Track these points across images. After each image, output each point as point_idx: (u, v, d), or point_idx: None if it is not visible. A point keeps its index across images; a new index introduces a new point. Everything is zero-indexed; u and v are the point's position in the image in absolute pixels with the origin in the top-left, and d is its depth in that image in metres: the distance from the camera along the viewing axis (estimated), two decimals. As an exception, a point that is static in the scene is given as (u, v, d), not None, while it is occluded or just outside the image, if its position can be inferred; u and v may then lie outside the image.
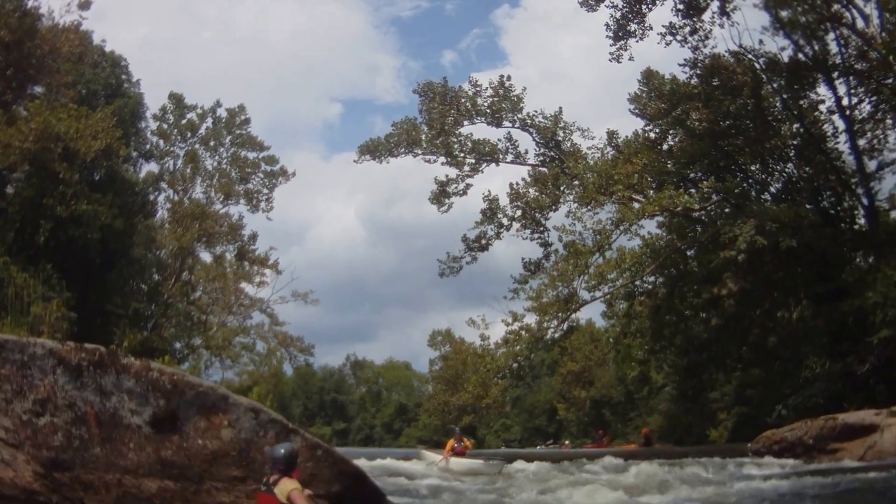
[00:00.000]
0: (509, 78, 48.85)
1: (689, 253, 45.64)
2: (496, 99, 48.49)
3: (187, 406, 17.53)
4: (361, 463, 22.64)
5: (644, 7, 42.94)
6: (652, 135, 48.55)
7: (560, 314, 43.95)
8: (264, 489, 13.66)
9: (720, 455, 33.61)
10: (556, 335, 46.40)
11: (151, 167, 63.62)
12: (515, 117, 48.93)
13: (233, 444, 17.44)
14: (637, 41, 43.58)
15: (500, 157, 49.80)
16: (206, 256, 68.44)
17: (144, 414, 17.38)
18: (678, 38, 43.23)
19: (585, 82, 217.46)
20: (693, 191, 42.59)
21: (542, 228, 49.29)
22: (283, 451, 14.09)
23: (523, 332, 43.87)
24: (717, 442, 52.12)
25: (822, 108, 44.84)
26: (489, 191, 49.84)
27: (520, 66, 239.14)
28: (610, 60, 44.41)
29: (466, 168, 49.40)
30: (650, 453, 39.62)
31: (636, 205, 41.67)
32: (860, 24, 40.43)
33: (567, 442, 77.00)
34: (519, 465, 34.21)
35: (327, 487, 16.90)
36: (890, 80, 38.70)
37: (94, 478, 17.09)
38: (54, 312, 38.14)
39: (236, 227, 67.05)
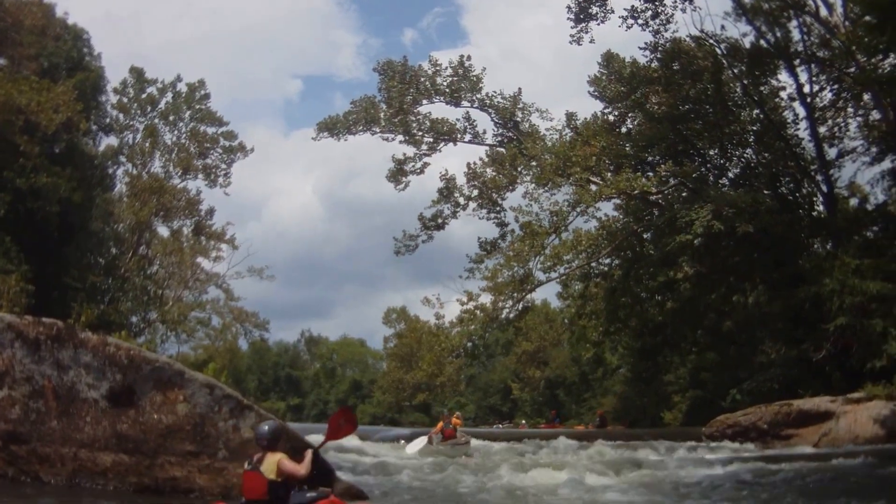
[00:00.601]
0: (469, 58, 48.89)
1: (645, 236, 45.78)
2: (455, 79, 48.40)
3: (144, 381, 17.49)
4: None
5: (607, -10, 42.73)
6: (611, 117, 48.86)
7: (515, 294, 44.00)
8: (249, 468, 13.47)
9: (674, 438, 33.69)
10: (511, 315, 46.41)
11: (111, 141, 63.56)
12: (474, 97, 48.89)
13: (188, 419, 17.39)
14: (598, 24, 43.22)
15: (459, 136, 49.74)
16: (163, 231, 68.25)
17: (101, 388, 17.40)
18: (639, 21, 42.84)
19: (546, 62, 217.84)
20: (651, 174, 42.65)
21: (498, 208, 49.16)
22: (266, 427, 13.92)
23: (478, 312, 43.90)
24: (671, 425, 52.35)
25: (783, 94, 45.10)
26: (446, 170, 49.85)
27: (480, 45, 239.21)
28: (570, 42, 44.07)
29: (424, 147, 49.32)
30: (604, 435, 39.60)
31: (593, 187, 41.90)
32: (823, 12, 40.60)
33: (523, 422, 77.13)
34: (475, 444, 34.21)
35: None
36: (852, 69, 38.74)
37: (50, 451, 17.21)
38: (13, 286, 37.95)
39: (194, 202, 67.07)
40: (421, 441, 33.21)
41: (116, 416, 17.30)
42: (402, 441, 34.52)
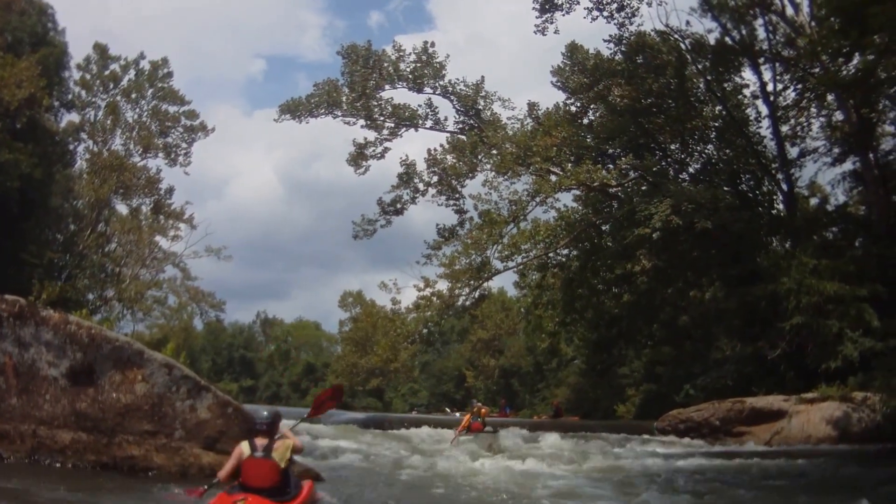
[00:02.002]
0: (433, 44, 48.81)
1: (604, 228, 45.69)
2: (419, 65, 48.29)
3: (103, 360, 17.59)
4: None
5: (573, -19, 42.67)
6: (573, 108, 48.94)
7: (472, 282, 43.85)
8: (261, 455, 13.55)
9: (626, 431, 33.85)
10: (468, 303, 46.25)
11: (72, 117, 62.77)
12: (437, 84, 48.81)
13: (146, 399, 17.60)
14: (564, 15, 43.31)
15: (420, 122, 49.66)
16: (122, 208, 67.56)
17: (61, 366, 17.46)
18: (605, 14, 43.03)
19: (511, 49, 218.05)
20: (611, 166, 42.49)
21: (457, 195, 49.21)
22: (266, 413, 14.24)
23: (434, 299, 43.74)
24: (624, 418, 52.32)
25: (746, 92, 45.20)
26: (407, 155, 49.76)
27: (446, 29, 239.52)
28: (535, 33, 44.09)
29: (385, 132, 49.25)
30: (558, 425, 39.55)
31: (553, 177, 41.96)
32: (790, 11, 40.75)
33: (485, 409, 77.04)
34: (425, 430, 34.09)
35: (235, 444, 16.37)
36: (817, 69, 38.80)
37: (9, 428, 17.16)
38: (-26, 262, 37.72)
39: (154, 181, 66.53)
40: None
41: (76, 395, 17.37)
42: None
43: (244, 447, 13.78)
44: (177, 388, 17.84)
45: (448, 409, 78.53)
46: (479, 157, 47.05)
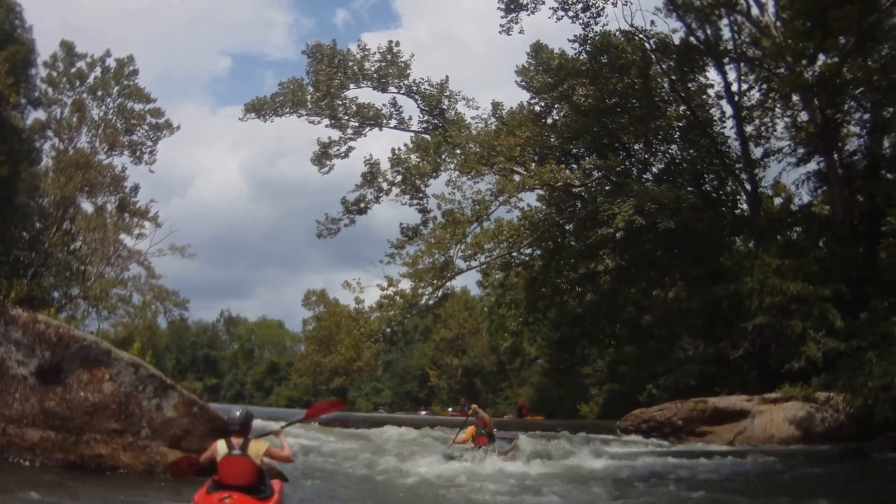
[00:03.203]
0: (398, 44, 48.59)
1: (567, 228, 45.57)
2: (383, 64, 48.11)
3: (71, 359, 17.43)
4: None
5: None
6: (537, 108, 48.98)
7: (435, 281, 43.69)
8: (238, 453, 13.79)
9: (590, 430, 33.73)
10: (431, 302, 46.10)
11: (39, 114, 62.65)
12: (402, 83, 48.65)
13: (113, 398, 17.34)
14: (529, 15, 43.37)
15: (384, 121, 49.43)
16: (87, 206, 67.22)
17: (30, 365, 17.29)
18: (570, 14, 43.08)
19: (477, 48, 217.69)
20: (575, 166, 42.74)
21: (421, 195, 48.96)
22: (238, 413, 14.44)
23: (398, 298, 43.61)
24: (587, 417, 52.42)
25: (711, 92, 45.48)
26: (371, 154, 49.63)
27: (412, 27, 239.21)
28: (500, 32, 44.13)
29: (350, 131, 49.01)
30: (523, 425, 39.47)
31: (517, 177, 41.84)
32: (755, 11, 40.86)
33: (451, 409, 76.73)
34: (389, 430, 33.90)
35: (200, 443, 16.79)
36: (782, 70, 38.88)
37: None
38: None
39: (119, 179, 66.34)
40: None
41: (44, 393, 17.20)
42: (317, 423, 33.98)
43: (221, 445, 13.97)
44: (143, 388, 17.67)
45: (452, 409, 77.99)
46: (443, 156, 46.91)
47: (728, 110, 44.52)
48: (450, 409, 66.49)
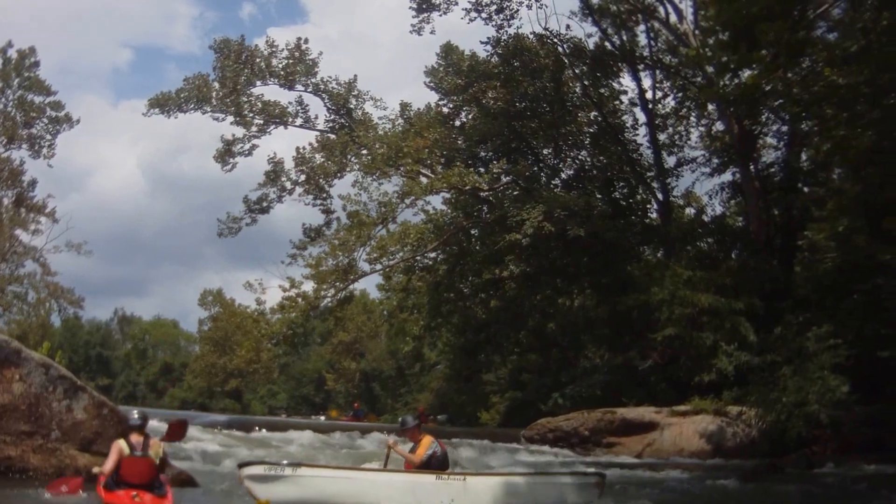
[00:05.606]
0: (306, 41, 47.75)
1: (473, 232, 45.51)
2: (291, 61, 47.31)
3: (-21, 358, 17.27)
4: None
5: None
6: (445, 110, 48.52)
7: (338, 283, 43.09)
8: (140, 454, 14.57)
9: (493, 438, 33.11)
10: (332, 304, 45.46)
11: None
12: (309, 81, 47.89)
13: (23, 399, 17.18)
14: (441, 15, 42.90)
15: (290, 120, 48.64)
16: (-17, 201, 65.83)
17: None
18: (483, 15, 42.71)
19: (386, 47, 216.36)
20: (483, 170, 42.46)
21: (325, 195, 48.18)
22: (136, 413, 15.53)
23: (299, 300, 42.89)
24: (487, 425, 51.92)
25: (625, 98, 45.43)
26: (275, 153, 48.65)
27: (320, 24, 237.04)
28: (411, 32, 43.67)
29: (254, 129, 48.05)
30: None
31: (424, 179, 41.39)
32: (673, 18, 40.74)
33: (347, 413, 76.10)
34: (292, 434, 33.14)
35: (110, 445, 15.94)
36: (699, 78, 38.80)
37: None
38: None
39: (17, 173, 65.17)
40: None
41: (-48, 394, 17.00)
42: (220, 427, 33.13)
43: (123, 445, 14.63)
44: (53, 389, 17.54)
45: (345, 414, 77.01)
46: (350, 156, 46.36)
47: (641, 117, 44.59)
48: (349, 414, 65.90)
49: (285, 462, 17.00)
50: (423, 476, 16.78)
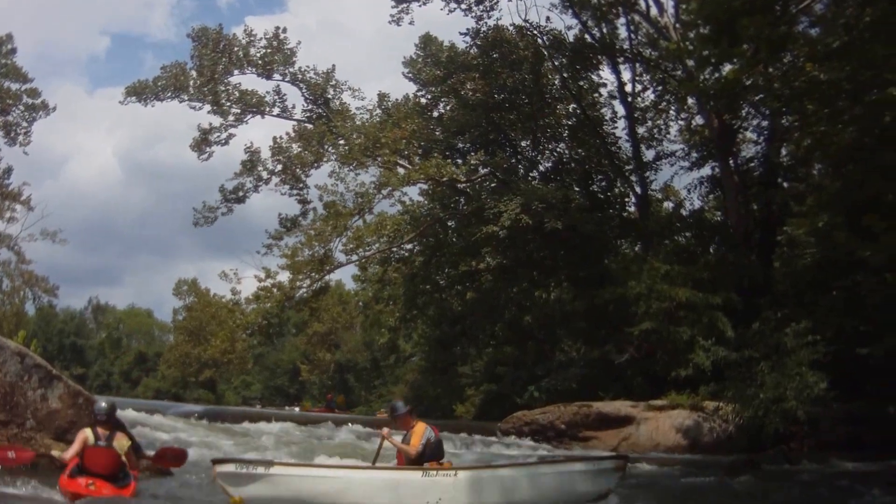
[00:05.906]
0: (285, 30, 47.51)
1: (450, 224, 45.49)
2: (269, 50, 47.07)
3: (-47, 346, 17.05)
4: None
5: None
6: (423, 100, 48.40)
7: (314, 274, 42.98)
8: (104, 444, 14.57)
9: (469, 431, 32.92)
10: (308, 295, 45.28)
11: (-88, 96, 60.55)
12: (287, 71, 47.64)
13: None
14: (420, 5, 42.84)
15: (267, 109, 48.42)
16: (-43, 189, 65.48)
17: None
18: (463, 6, 42.79)
19: (365, 37, 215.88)
20: (460, 162, 42.44)
21: (302, 185, 48.01)
22: (104, 404, 15.35)
23: (275, 290, 42.75)
24: (462, 418, 51.77)
25: (604, 91, 45.38)
26: (251, 142, 48.36)
27: (298, 13, 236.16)
28: (390, 22, 43.54)
29: (231, 118, 47.82)
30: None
31: (401, 170, 41.20)
32: (654, 11, 40.61)
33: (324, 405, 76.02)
34: (263, 426, 32.93)
35: None
36: (679, 72, 38.74)
37: None
38: None
39: (-8, 161, 64.48)
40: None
41: (-76, 383, 16.82)
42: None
43: (88, 434, 14.67)
44: (28, 377, 17.36)
45: (297, 407, 76.91)
46: (327, 147, 46.15)
47: (620, 110, 44.45)
48: (322, 405, 65.84)
49: (257, 460, 16.61)
50: (408, 473, 15.87)
